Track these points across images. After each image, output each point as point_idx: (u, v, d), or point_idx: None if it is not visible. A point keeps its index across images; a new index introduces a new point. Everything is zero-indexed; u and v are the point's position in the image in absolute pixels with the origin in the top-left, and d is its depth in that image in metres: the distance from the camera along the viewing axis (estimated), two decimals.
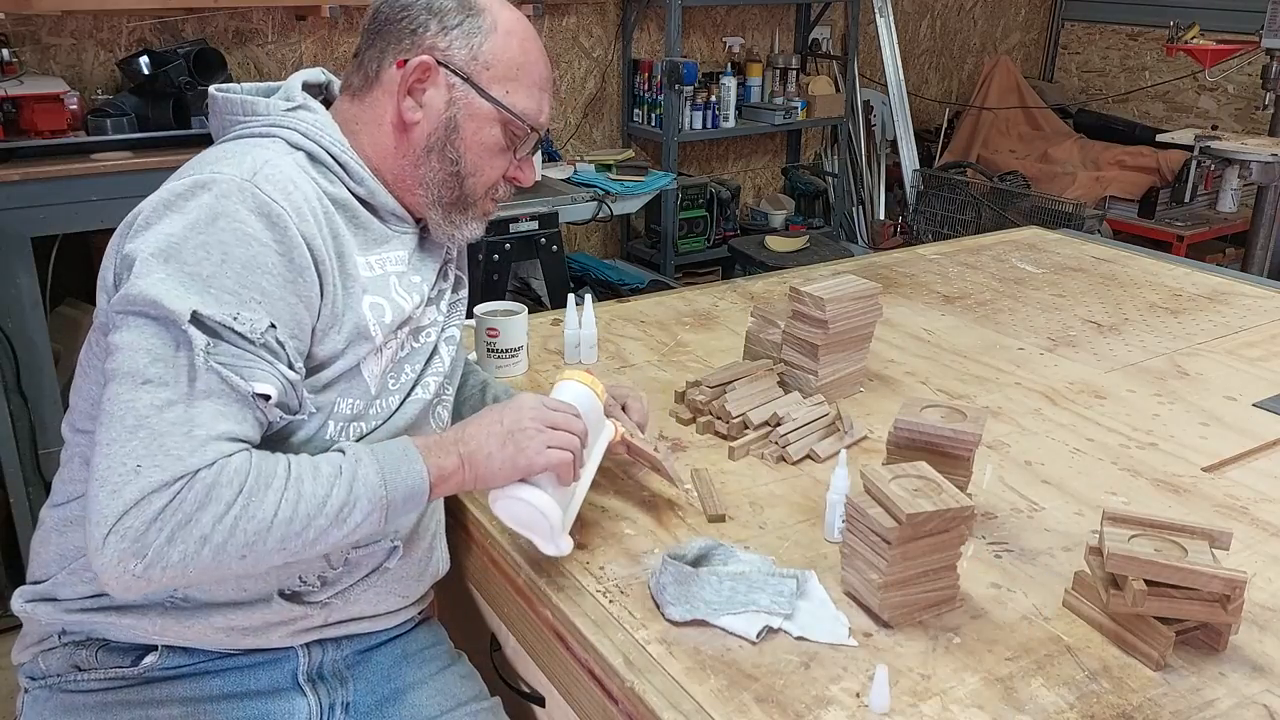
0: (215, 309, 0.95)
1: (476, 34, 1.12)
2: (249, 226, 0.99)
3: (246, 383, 0.96)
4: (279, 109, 1.12)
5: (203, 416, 0.94)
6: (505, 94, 1.13)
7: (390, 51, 1.12)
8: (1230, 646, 1.03)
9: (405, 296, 1.14)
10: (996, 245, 2.45)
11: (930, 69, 5.44)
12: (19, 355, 2.42)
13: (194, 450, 0.92)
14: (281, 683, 1.14)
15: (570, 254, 4.03)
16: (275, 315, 0.99)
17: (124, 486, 0.90)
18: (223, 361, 0.95)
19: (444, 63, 1.11)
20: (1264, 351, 1.80)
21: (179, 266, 0.96)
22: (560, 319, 1.76)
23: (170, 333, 0.94)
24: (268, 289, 0.99)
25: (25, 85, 2.61)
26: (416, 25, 1.11)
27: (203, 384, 0.94)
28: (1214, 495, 1.32)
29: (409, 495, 1.03)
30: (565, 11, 4.04)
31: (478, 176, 1.16)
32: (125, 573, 0.90)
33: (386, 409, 1.13)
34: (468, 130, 1.13)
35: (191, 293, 0.95)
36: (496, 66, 1.13)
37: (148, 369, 0.94)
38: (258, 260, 0.98)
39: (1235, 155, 3.63)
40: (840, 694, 0.96)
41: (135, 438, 0.91)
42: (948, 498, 1.04)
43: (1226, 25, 4.44)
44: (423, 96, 1.12)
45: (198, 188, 1.00)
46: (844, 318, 1.51)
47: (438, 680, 1.23)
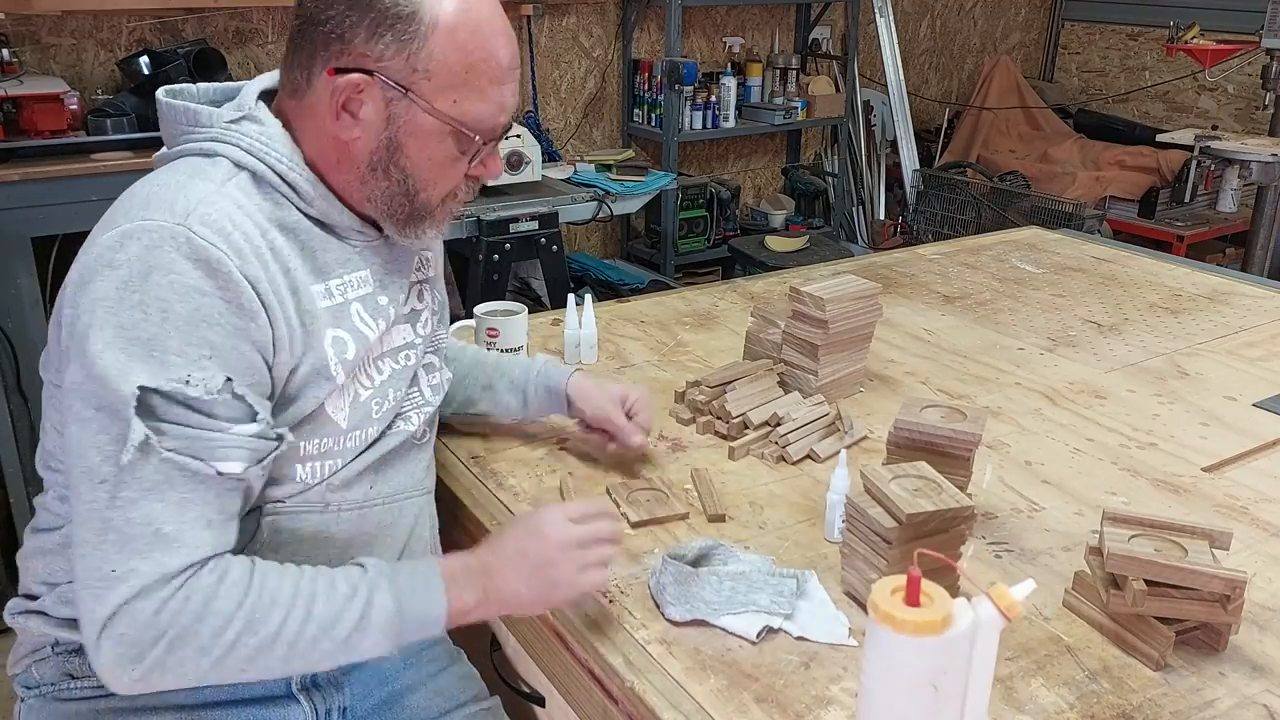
0: (163, 376, 0.88)
1: (413, 38, 0.97)
2: (187, 277, 0.91)
3: (207, 464, 0.90)
4: (222, 120, 1.02)
5: (167, 511, 0.89)
6: (453, 103, 1.00)
7: (319, 56, 0.99)
8: (1230, 646, 1.03)
9: (369, 324, 1.07)
10: (996, 245, 2.45)
11: (930, 69, 5.44)
12: (19, 355, 2.43)
13: (167, 550, 0.88)
14: (276, 690, 1.12)
15: (570, 254, 4.03)
16: (229, 368, 0.92)
17: (105, 592, 0.87)
18: (174, 448, 0.89)
19: (378, 74, 0.98)
20: (1264, 351, 1.80)
21: (117, 333, 0.88)
22: (560, 319, 1.76)
23: (117, 424, 0.88)
24: (216, 342, 0.92)
25: (25, 85, 2.61)
26: (344, 28, 0.97)
27: (159, 475, 0.89)
28: (1214, 495, 1.32)
29: (421, 626, 0.98)
30: (565, 11, 4.04)
31: (430, 190, 1.05)
32: (123, 675, 0.89)
33: (363, 441, 1.08)
34: (412, 147, 1.01)
35: (135, 361, 0.88)
36: (439, 74, 0.98)
37: (101, 467, 0.88)
38: (201, 313, 0.91)
39: (1235, 155, 3.63)
40: (840, 694, 0.96)
41: (105, 540, 0.88)
42: (948, 498, 1.04)
43: (1226, 25, 4.43)
44: (359, 111, 0.99)
45: (126, 239, 0.91)
46: (844, 318, 1.51)
47: (436, 681, 1.22)
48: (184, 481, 0.90)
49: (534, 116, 4.03)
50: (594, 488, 1.31)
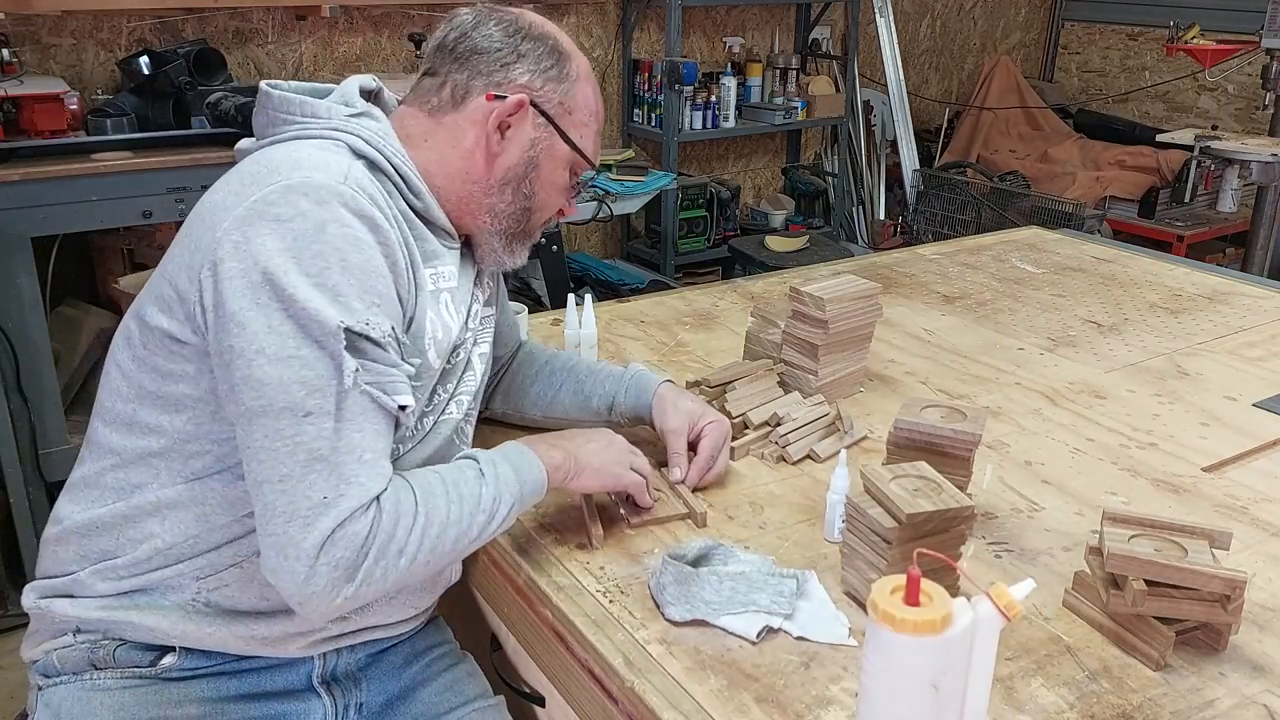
0: (350, 318, 0.96)
1: (565, 80, 1.16)
2: (356, 230, 0.99)
3: (390, 398, 0.99)
4: (341, 114, 1.10)
5: (367, 440, 0.97)
6: (580, 138, 1.18)
7: (480, 80, 1.13)
8: (1230, 646, 1.03)
9: (453, 315, 1.15)
10: (996, 245, 2.45)
11: (930, 69, 5.44)
12: (19, 355, 2.42)
13: (372, 475, 0.97)
14: (297, 684, 1.15)
15: (570, 254, 4.03)
16: (391, 316, 1.01)
17: (317, 519, 0.94)
18: (371, 382, 0.97)
19: (536, 104, 1.14)
20: (1264, 351, 1.80)
21: (304, 279, 0.95)
22: (560, 319, 1.76)
23: (324, 359, 0.95)
24: (383, 291, 1.00)
25: (25, 85, 2.61)
26: (509, 60, 1.14)
27: (359, 408, 0.97)
28: (1214, 495, 1.32)
29: (535, 488, 1.11)
30: (565, 11, 4.04)
31: (543, 211, 1.20)
32: (337, 597, 0.96)
33: (421, 430, 1.14)
34: (545, 169, 1.17)
35: (328, 304, 0.95)
36: (577, 112, 1.18)
37: (306, 401, 0.94)
38: (371, 264, 0.99)
39: (1235, 155, 3.63)
40: (840, 694, 0.96)
41: (313, 470, 0.94)
42: (948, 498, 1.04)
43: (1226, 25, 4.44)
44: (510, 131, 1.14)
45: (291, 193, 0.97)
46: (844, 318, 1.51)
47: (445, 678, 1.24)
48: (375, 414, 0.99)
49: None
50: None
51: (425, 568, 1.01)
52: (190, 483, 1.05)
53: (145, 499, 1.06)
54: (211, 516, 1.05)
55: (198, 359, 1.01)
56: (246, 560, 1.06)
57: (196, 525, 1.05)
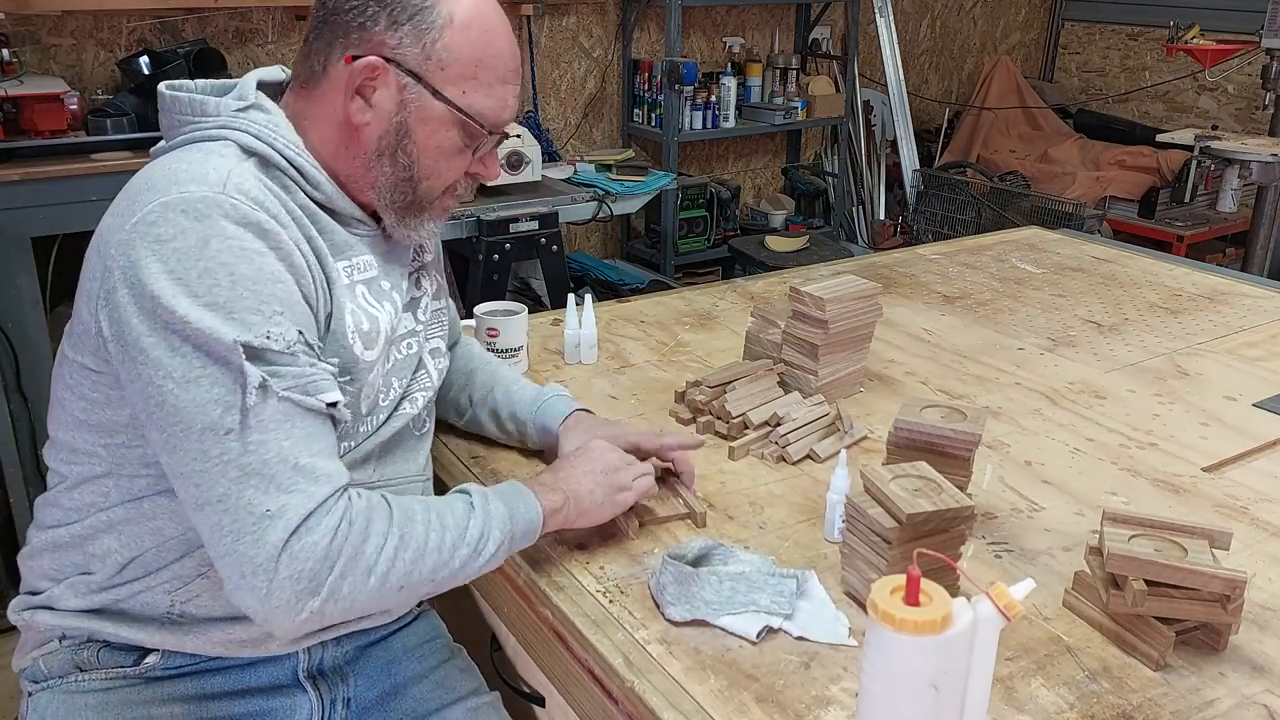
0: (248, 334, 0.92)
1: (430, 29, 1.03)
2: (242, 240, 0.94)
3: (314, 398, 0.96)
4: (229, 109, 1.05)
5: (299, 446, 0.94)
6: (462, 94, 1.05)
7: (338, 45, 1.04)
8: (1230, 646, 1.03)
9: (375, 306, 1.10)
10: (996, 245, 2.45)
11: (930, 69, 5.44)
12: (19, 355, 2.42)
13: (312, 479, 0.93)
14: (283, 679, 1.15)
15: (570, 254, 4.03)
16: (298, 321, 0.97)
17: (265, 533, 0.91)
18: (288, 386, 0.94)
19: (394, 61, 1.03)
20: (1264, 351, 1.80)
21: (194, 300, 0.91)
22: (560, 319, 1.76)
23: (230, 374, 0.92)
24: (283, 298, 0.96)
25: (25, 85, 2.61)
26: (365, 18, 1.03)
27: (281, 415, 0.93)
28: (1214, 495, 1.32)
29: (528, 529, 1.08)
30: (565, 11, 4.04)
31: (433, 180, 1.09)
32: (302, 611, 0.92)
33: (372, 426, 1.12)
34: (420, 134, 1.06)
35: (221, 323, 0.91)
36: (452, 65, 1.04)
37: (224, 419, 0.91)
38: (264, 272, 0.95)
39: (1235, 155, 3.63)
40: (840, 694, 0.96)
41: (248, 486, 0.91)
42: (948, 498, 1.04)
43: (1226, 25, 4.43)
44: (372, 96, 1.04)
45: (169, 211, 0.93)
46: (844, 318, 1.51)
47: (437, 674, 1.23)
48: (302, 417, 0.95)
49: (534, 116, 4.03)
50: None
51: (400, 593, 0.98)
52: (137, 500, 1.04)
53: (99, 519, 1.05)
54: (163, 531, 1.04)
55: (116, 385, 0.99)
56: (212, 570, 1.04)
57: (151, 541, 1.05)
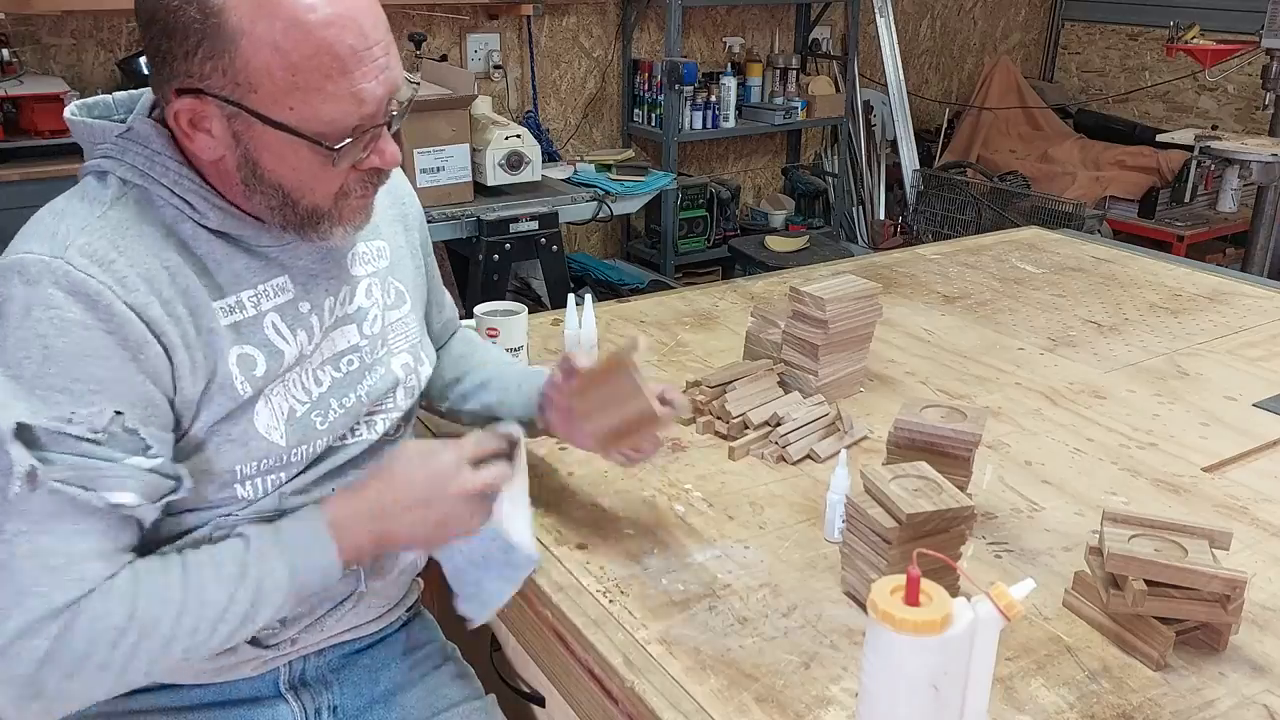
0: (44, 414, 0.85)
1: (222, 54, 0.88)
2: (67, 311, 0.86)
3: (96, 494, 0.86)
4: (110, 135, 0.96)
5: (56, 544, 0.86)
6: (290, 111, 0.90)
7: (163, 80, 0.93)
8: (1230, 646, 1.03)
9: (286, 336, 1.00)
10: (996, 245, 2.45)
11: (930, 69, 5.44)
12: None
13: (56, 584, 0.86)
14: (264, 691, 1.11)
15: (570, 254, 4.03)
16: (119, 401, 0.88)
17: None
18: (62, 478, 0.85)
19: (207, 92, 0.90)
20: (1264, 351, 1.80)
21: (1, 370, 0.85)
22: (560, 319, 1.76)
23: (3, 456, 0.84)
24: (103, 376, 0.87)
25: (25, 85, 2.61)
26: (163, 51, 0.90)
27: (48, 507, 0.85)
28: (1214, 495, 1.32)
29: (322, 579, 0.97)
30: (565, 11, 4.04)
31: (311, 196, 0.96)
32: (24, 711, 0.86)
33: (311, 453, 1.03)
34: (267, 160, 0.93)
35: (17, 400, 0.84)
36: (263, 83, 0.89)
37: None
38: (84, 347, 0.87)
39: (1235, 155, 3.63)
40: (840, 694, 0.96)
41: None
42: (948, 498, 1.04)
43: (1226, 25, 4.44)
44: (212, 128, 0.92)
45: (7, 273, 0.88)
46: (844, 318, 1.51)
47: (429, 680, 1.21)
48: (73, 513, 0.87)
49: (534, 116, 4.03)
50: (595, 490, 1.30)
51: (147, 678, 0.91)
52: None
53: None
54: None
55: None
56: None
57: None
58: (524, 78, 4.04)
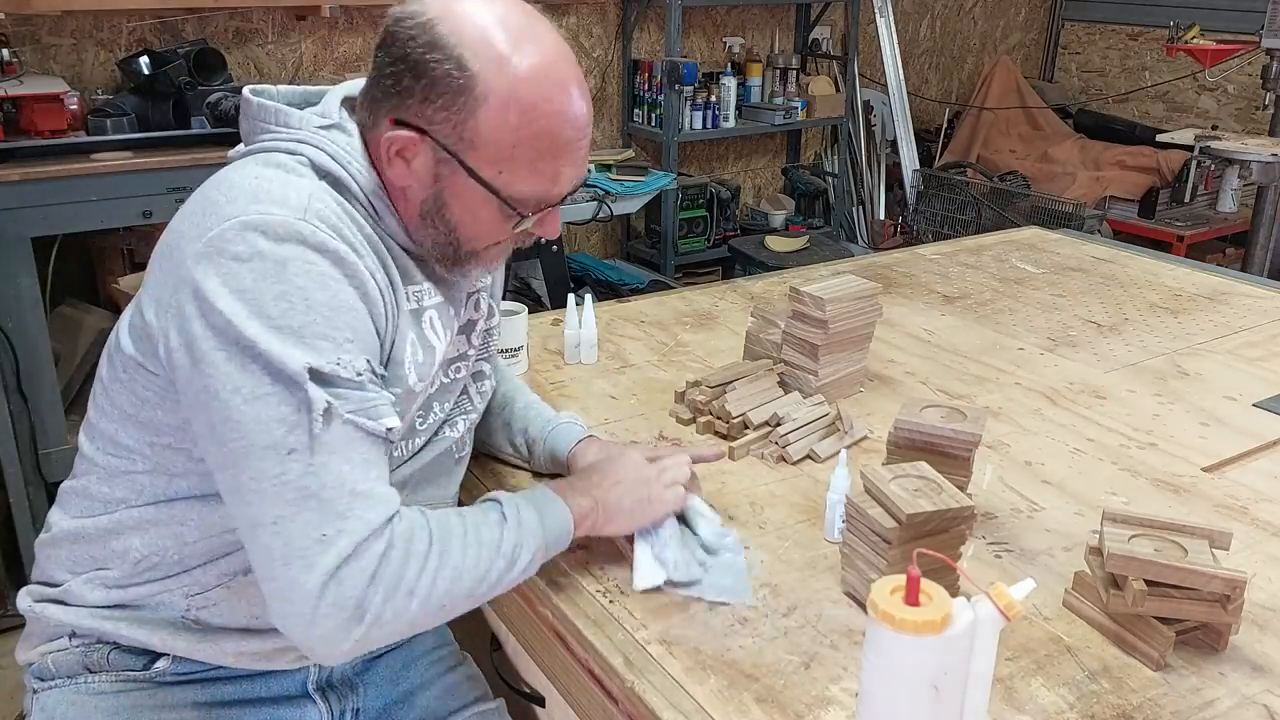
0: (318, 359, 0.91)
1: (461, 110, 0.97)
2: (320, 266, 0.94)
3: (376, 423, 0.95)
4: (312, 124, 1.03)
5: (357, 471, 0.93)
6: (498, 174, 1.00)
7: (384, 105, 1.02)
8: (1230, 646, 1.03)
9: (439, 334, 1.10)
10: (996, 245, 2.45)
11: (930, 69, 5.44)
12: (19, 355, 2.42)
13: (366, 506, 0.92)
14: (293, 690, 1.15)
15: (570, 254, 4.03)
16: (366, 351, 0.96)
17: (317, 558, 0.89)
18: (351, 410, 0.93)
19: (429, 135, 1.00)
20: (1264, 351, 1.80)
21: (266, 322, 0.91)
22: (560, 319, 1.76)
23: (295, 395, 0.91)
24: (356, 326, 0.95)
25: (25, 85, 2.61)
26: (401, 88, 0.99)
27: (343, 439, 0.92)
28: (1214, 495, 1.32)
29: (560, 536, 1.06)
30: (565, 11, 4.04)
31: (476, 243, 1.07)
32: (345, 640, 0.91)
33: (409, 449, 1.11)
34: (456, 208, 1.03)
35: (293, 347, 0.91)
36: (485, 146, 0.98)
37: (287, 438, 0.90)
38: (339, 300, 0.94)
39: (1235, 155, 3.63)
40: (840, 694, 0.96)
41: (305, 508, 0.90)
42: (948, 498, 1.04)
43: (1226, 25, 4.44)
44: (412, 162, 1.01)
45: (248, 231, 0.93)
46: (844, 318, 1.51)
47: (444, 681, 1.23)
48: (362, 442, 0.94)
49: None
50: None
51: (438, 612, 0.96)
52: (170, 503, 1.03)
53: (127, 515, 1.05)
54: (187, 536, 1.04)
55: (168, 389, 0.99)
56: (232, 580, 1.04)
57: (174, 544, 1.04)
58: None
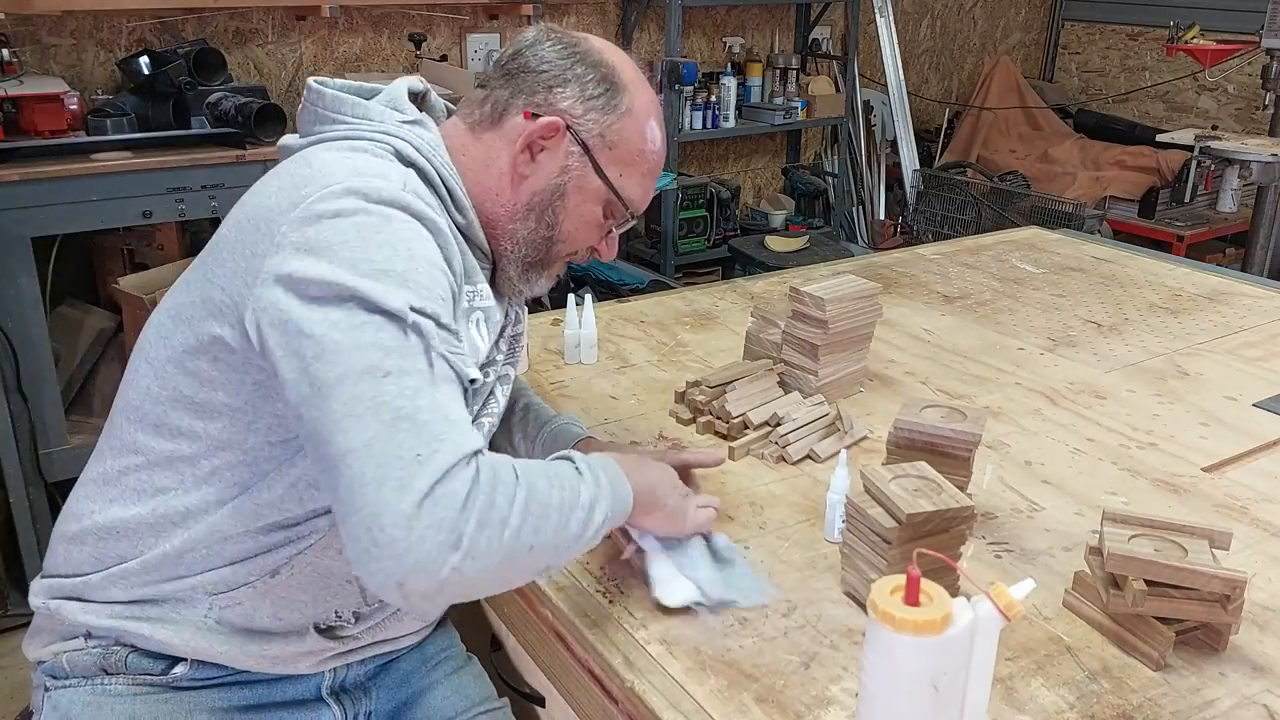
0: (419, 300, 0.93)
1: (612, 112, 1.09)
2: (420, 229, 0.98)
3: (464, 370, 0.97)
4: (394, 119, 1.08)
5: (450, 403, 0.93)
6: (619, 176, 1.11)
7: (521, 99, 1.09)
8: (1230, 646, 1.03)
9: (483, 336, 1.11)
10: (996, 245, 2.45)
11: (930, 69, 5.44)
12: (19, 355, 2.42)
13: (462, 433, 0.91)
14: (307, 694, 1.15)
15: None
16: (448, 313, 0.98)
17: (413, 479, 0.86)
18: (446, 350, 0.95)
19: (572, 128, 1.09)
20: (1264, 351, 1.80)
21: (370, 265, 0.92)
22: (560, 319, 1.76)
23: (397, 324, 0.91)
24: (446, 286, 0.99)
25: (25, 85, 2.61)
26: (555, 83, 1.09)
27: (440, 371, 0.93)
28: (1214, 495, 1.32)
29: (624, 506, 1.04)
30: (565, 11, 4.04)
31: (567, 244, 1.14)
32: (443, 565, 0.86)
33: None
34: (573, 201, 1.11)
35: (397, 288, 0.92)
36: (619, 148, 1.11)
37: (384, 362, 0.90)
38: (434, 259, 0.98)
39: (1235, 155, 3.63)
40: (840, 694, 0.96)
41: (399, 429, 0.88)
42: (948, 498, 1.04)
43: (1226, 25, 4.44)
44: (540, 155, 1.09)
45: (352, 194, 0.96)
46: (844, 318, 1.51)
47: (452, 681, 1.24)
48: (451, 382, 0.95)
49: None
50: None
51: (529, 554, 0.93)
52: (215, 491, 1.02)
53: (169, 504, 1.03)
54: (223, 529, 1.02)
55: (242, 368, 0.98)
56: (259, 580, 1.04)
57: (206, 538, 1.03)
58: None
